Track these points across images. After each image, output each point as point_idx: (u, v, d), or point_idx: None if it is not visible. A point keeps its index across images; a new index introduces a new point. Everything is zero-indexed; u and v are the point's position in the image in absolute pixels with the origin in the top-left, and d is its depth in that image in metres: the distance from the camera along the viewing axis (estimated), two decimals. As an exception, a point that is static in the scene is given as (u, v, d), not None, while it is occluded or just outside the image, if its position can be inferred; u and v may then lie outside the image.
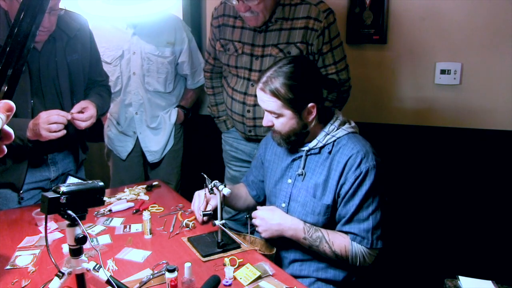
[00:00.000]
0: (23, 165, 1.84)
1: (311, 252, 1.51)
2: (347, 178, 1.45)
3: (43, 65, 1.79)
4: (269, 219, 1.52)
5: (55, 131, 1.64)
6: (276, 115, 1.48)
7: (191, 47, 2.50)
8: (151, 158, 2.55)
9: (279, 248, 1.60)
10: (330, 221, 1.51)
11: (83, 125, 1.75)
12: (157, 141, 2.53)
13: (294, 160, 1.59)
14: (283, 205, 1.59)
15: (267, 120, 1.52)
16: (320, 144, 1.51)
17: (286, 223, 1.50)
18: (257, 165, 1.79)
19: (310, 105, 1.45)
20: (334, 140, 1.50)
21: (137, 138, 2.51)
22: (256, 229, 1.56)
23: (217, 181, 1.47)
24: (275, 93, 1.43)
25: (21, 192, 1.87)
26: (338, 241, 1.46)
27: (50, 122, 1.62)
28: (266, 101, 1.46)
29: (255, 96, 1.95)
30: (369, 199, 1.45)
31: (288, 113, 1.46)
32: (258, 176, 1.79)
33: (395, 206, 2.29)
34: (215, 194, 1.48)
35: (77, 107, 1.76)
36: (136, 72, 2.39)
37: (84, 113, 1.75)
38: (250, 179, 1.83)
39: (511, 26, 2.07)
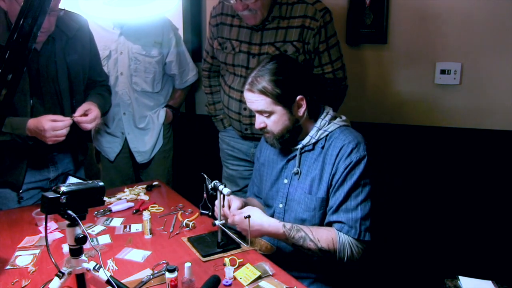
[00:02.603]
0: (22, 164, 1.85)
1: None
2: (338, 168, 1.46)
3: (42, 65, 1.79)
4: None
5: (61, 136, 1.72)
6: (267, 113, 1.49)
7: (179, 47, 2.49)
8: (140, 158, 2.51)
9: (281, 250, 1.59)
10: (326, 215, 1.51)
11: (89, 126, 1.82)
12: (145, 141, 2.50)
13: (289, 160, 1.59)
14: (280, 205, 1.59)
15: (259, 121, 1.52)
16: (313, 140, 1.52)
17: (264, 224, 1.44)
18: (257, 174, 1.78)
19: (298, 97, 1.47)
20: (327, 135, 1.51)
21: (126, 138, 2.48)
22: (238, 228, 1.47)
23: (217, 181, 1.47)
24: (262, 91, 1.45)
25: (20, 191, 1.88)
26: (324, 236, 1.43)
27: (56, 131, 1.68)
28: (255, 101, 1.48)
29: None
30: (358, 188, 1.45)
31: (278, 109, 1.47)
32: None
33: (395, 206, 2.29)
34: (215, 194, 1.48)
35: (80, 110, 1.80)
36: (123, 72, 2.37)
37: (88, 115, 1.80)
38: (254, 190, 1.81)
39: (511, 26, 2.07)
